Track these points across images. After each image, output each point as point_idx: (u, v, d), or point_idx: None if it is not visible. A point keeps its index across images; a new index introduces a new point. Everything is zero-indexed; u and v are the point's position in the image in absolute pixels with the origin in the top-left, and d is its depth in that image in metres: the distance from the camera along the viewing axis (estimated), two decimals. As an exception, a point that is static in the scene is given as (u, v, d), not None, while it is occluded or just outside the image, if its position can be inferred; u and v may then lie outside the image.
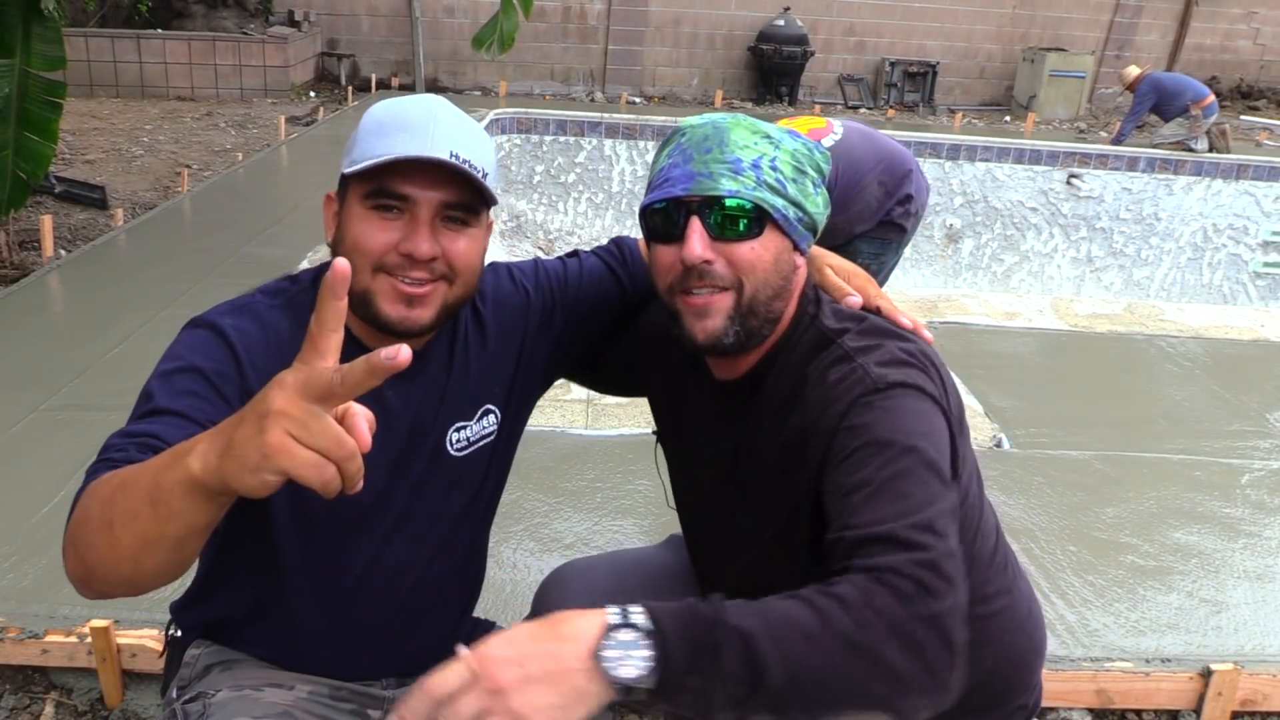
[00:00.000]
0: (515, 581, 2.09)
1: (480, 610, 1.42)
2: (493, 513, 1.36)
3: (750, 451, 1.16)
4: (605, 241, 1.47)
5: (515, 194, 7.05)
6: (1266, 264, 7.34)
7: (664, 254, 1.12)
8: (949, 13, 10.99)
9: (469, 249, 1.11)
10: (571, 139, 7.02)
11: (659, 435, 1.40)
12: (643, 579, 1.49)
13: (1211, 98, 7.46)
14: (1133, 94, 7.80)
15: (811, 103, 10.55)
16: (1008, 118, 10.66)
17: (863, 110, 10.56)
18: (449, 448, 1.22)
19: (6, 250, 4.21)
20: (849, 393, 1.02)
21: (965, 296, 6.94)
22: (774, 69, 10.42)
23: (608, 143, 7.04)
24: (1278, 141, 9.50)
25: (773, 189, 1.09)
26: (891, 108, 10.61)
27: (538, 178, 7.06)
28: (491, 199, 1.11)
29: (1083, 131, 9.24)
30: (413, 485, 1.20)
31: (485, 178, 1.08)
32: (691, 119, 1.14)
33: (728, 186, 1.07)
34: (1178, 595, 2.21)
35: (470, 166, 1.06)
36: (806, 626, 0.81)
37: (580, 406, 3.36)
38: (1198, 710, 1.95)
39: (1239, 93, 12.09)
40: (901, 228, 3.17)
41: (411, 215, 1.06)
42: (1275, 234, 7.30)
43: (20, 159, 3.77)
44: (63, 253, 4.39)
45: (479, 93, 9.89)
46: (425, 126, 1.06)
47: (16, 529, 2.10)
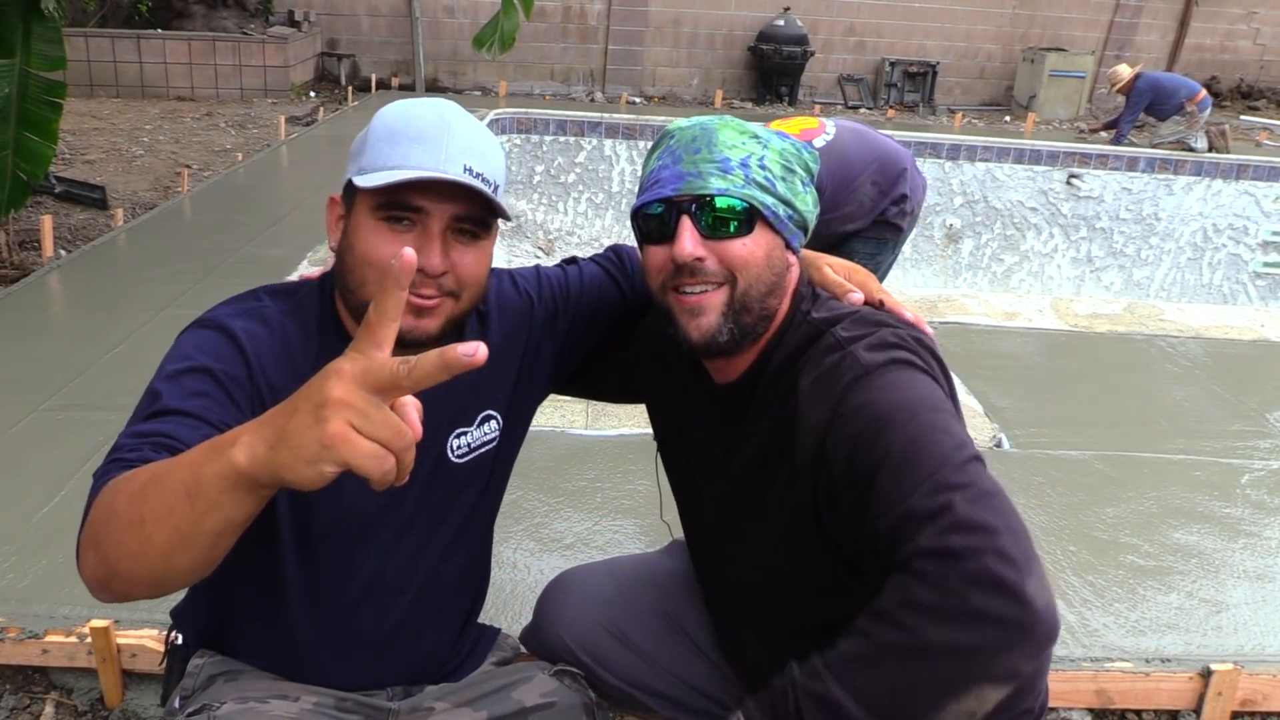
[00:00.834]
0: (515, 581, 2.09)
1: (481, 610, 1.42)
2: (495, 517, 1.36)
3: (750, 453, 1.15)
4: (603, 249, 1.47)
5: (515, 194, 7.05)
6: (1266, 264, 7.34)
7: (656, 254, 1.12)
8: (949, 13, 10.99)
9: (477, 262, 1.10)
10: (571, 139, 7.02)
11: (659, 444, 1.40)
12: (644, 586, 1.49)
13: (1204, 93, 7.52)
14: (1123, 95, 7.84)
15: (811, 103, 10.56)
16: (1008, 118, 10.66)
17: (863, 110, 10.56)
18: (450, 454, 1.22)
19: (6, 250, 4.21)
20: (839, 380, 1.02)
21: (965, 296, 6.93)
22: (774, 69, 10.42)
23: (608, 143, 7.04)
24: (1278, 141, 9.50)
25: (762, 187, 1.09)
26: (891, 108, 10.61)
27: (538, 178, 7.06)
28: (503, 213, 1.10)
29: (1083, 131, 9.24)
30: (415, 493, 1.19)
31: (497, 190, 1.08)
32: (680, 121, 1.15)
33: (717, 185, 1.07)
34: (1178, 595, 2.21)
35: (484, 181, 1.05)
36: (861, 653, 0.83)
37: (580, 406, 3.36)
38: (1198, 710, 1.95)
39: (1239, 93, 12.09)
40: (897, 227, 3.17)
41: (423, 228, 1.05)
42: (1275, 234, 7.30)
43: (20, 159, 3.77)
44: (63, 253, 4.39)
45: (479, 93, 9.88)
46: (439, 137, 1.04)
47: (16, 529, 2.10)
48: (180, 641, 1.23)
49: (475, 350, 0.66)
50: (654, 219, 1.12)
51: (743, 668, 1.35)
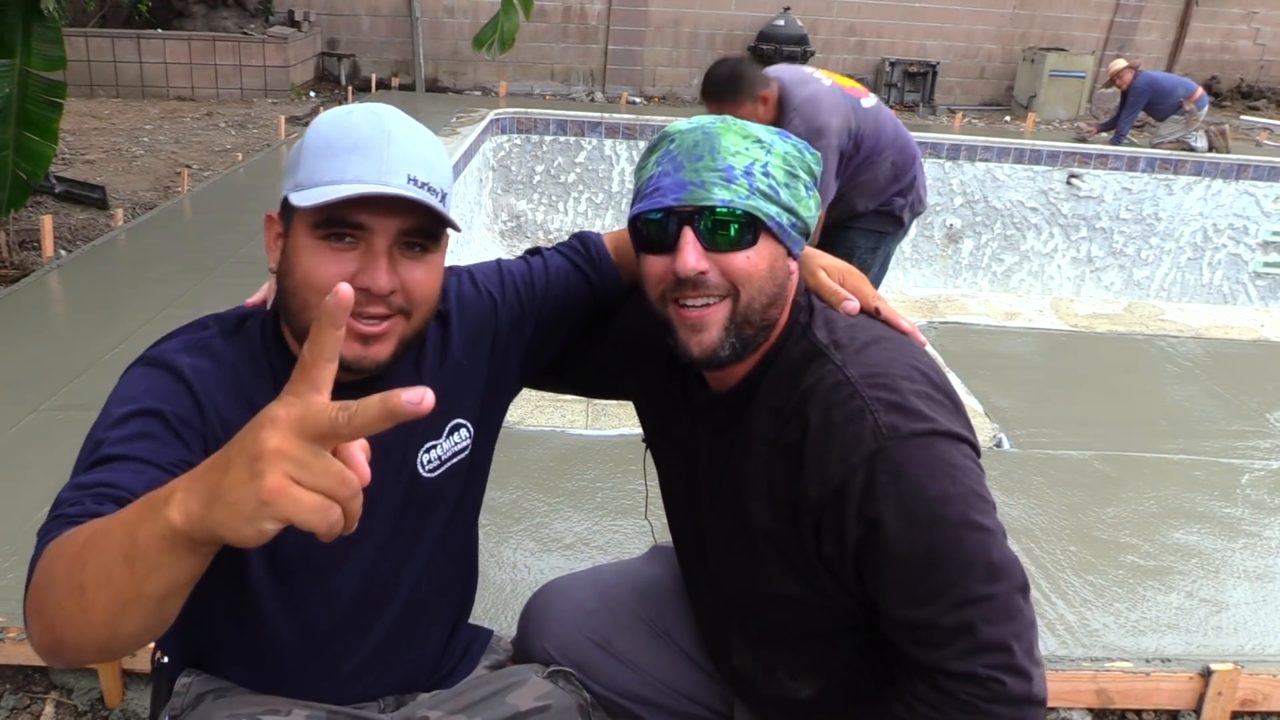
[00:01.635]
0: (515, 581, 2.09)
1: (479, 610, 1.42)
2: (477, 515, 1.33)
3: (742, 463, 1.14)
4: (567, 238, 1.40)
5: (515, 194, 7.05)
6: (1266, 264, 7.33)
7: (655, 264, 1.09)
8: (949, 13, 10.98)
9: (428, 277, 1.03)
10: (571, 139, 7.02)
11: (647, 443, 1.39)
12: (627, 594, 1.48)
13: (1201, 91, 7.55)
14: (1121, 90, 7.86)
15: (811, 103, 10.54)
16: (1008, 118, 10.66)
17: (863, 110, 10.55)
18: (421, 470, 1.17)
19: (6, 250, 4.21)
20: (859, 444, 1.00)
21: (965, 296, 6.93)
22: (774, 69, 10.41)
23: (608, 143, 7.04)
24: (1278, 141, 9.50)
25: (766, 196, 1.06)
26: (892, 108, 10.59)
27: (538, 178, 7.06)
28: (451, 223, 1.02)
29: (1082, 135, 9.23)
30: (389, 514, 1.15)
31: (444, 199, 1.01)
32: (679, 123, 1.11)
33: (720, 196, 1.04)
34: (1178, 595, 2.21)
35: (430, 191, 0.98)
36: None
37: (580, 406, 3.36)
38: (1198, 710, 1.95)
39: (1239, 93, 12.08)
40: (899, 220, 3.21)
41: (367, 245, 0.98)
42: (1275, 234, 7.30)
43: (20, 159, 3.77)
44: (63, 253, 4.39)
45: (479, 93, 9.88)
46: (378, 148, 0.97)
47: (17, 529, 2.10)
48: (165, 661, 1.20)
49: (420, 399, 0.60)
50: (654, 228, 1.08)
51: (730, 672, 1.35)
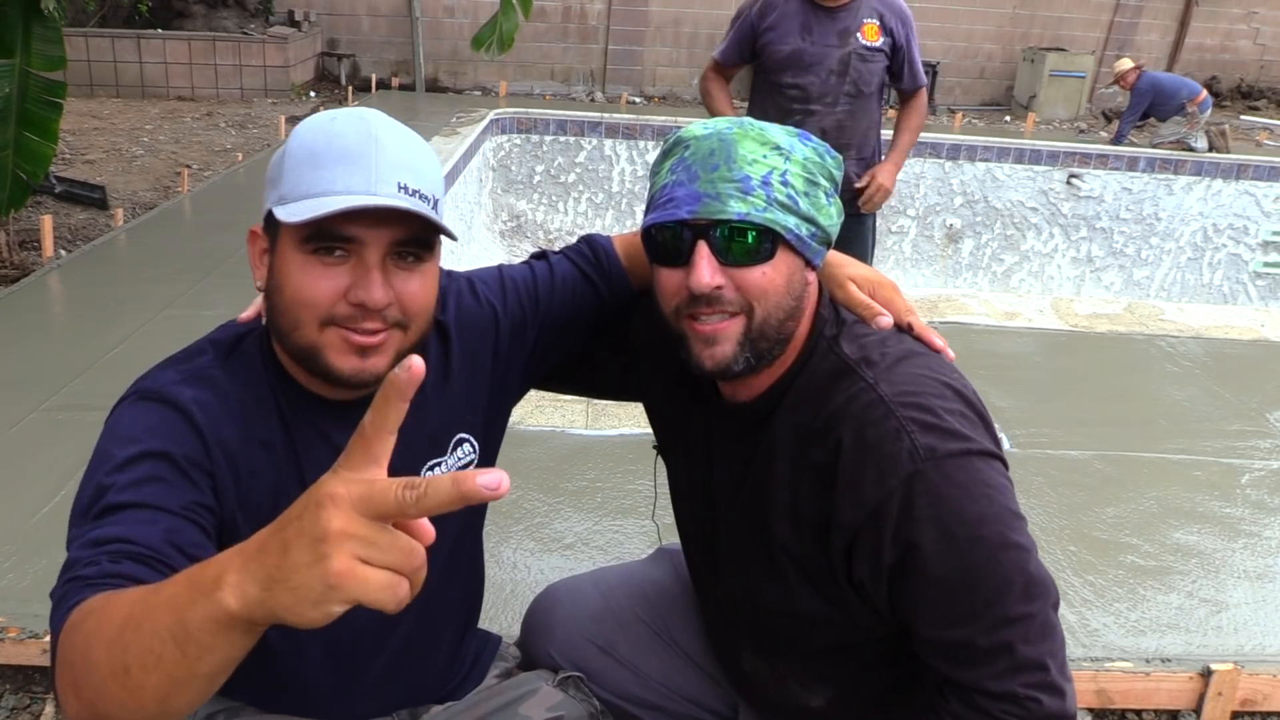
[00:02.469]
0: (515, 581, 2.09)
1: (479, 614, 1.42)
2: (484, 521, 1.32)
3: (764, 479, 1.12)
4: (573, 241, 1.37)
5: (515, 194, 7.05)
6: (1266, 264, 7.33)
7: (669, 277, 1.06)
8: (949, 13, 10.98)
9: (423, 288, 1.00)
10: (571, 139, 7.02)
11: (658, 447, 1.38)
12: (630, 597, 1.47)
13: (1205, 94, 7.51)
14: (1127, 89, 7.83)
15: (811, 103, 10.54)
16: (1008, 118, 10.66)
17: (863, 110, 10.54)
18: None
19: (6, 250, 4.21)
20: (897, 465, 0.99)
21: (965, 296, 6.94)
22: (774, 69, 10.40)
23: (608, 143, 7.04)
24: (1278, 141, 9.50)
25: (784, 207, 1.02)
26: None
27: (538, 178, 7.06)
28: (445, 231, 0.99)
29: (1083, 131, 9.24)
30: None
31: (436, 206, 0.97)
32: (694, 128, 1.07)
33: (737, 209, 1.00)
34: (1178, 595, 2.21)
35: (421, 198, 0.94)
36: None
37: (580, 406, 3.36)
38: (1198, 710, 1.95)
39: (1239, 93, 12.08)
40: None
41: (359, 258, 0.94)
42: (1275, 234, 7.30)
43: (20, 159, 3.77)
44: (63, 253, 4.39)
45: (479, 93, 9.88)
46: (366, 155, 0.93)
47: (17, 529, 2.10)
48: None
49: (498, 484, 0.58)
50: (667, 239, 1.05)
51: (739, 676, 1.34)
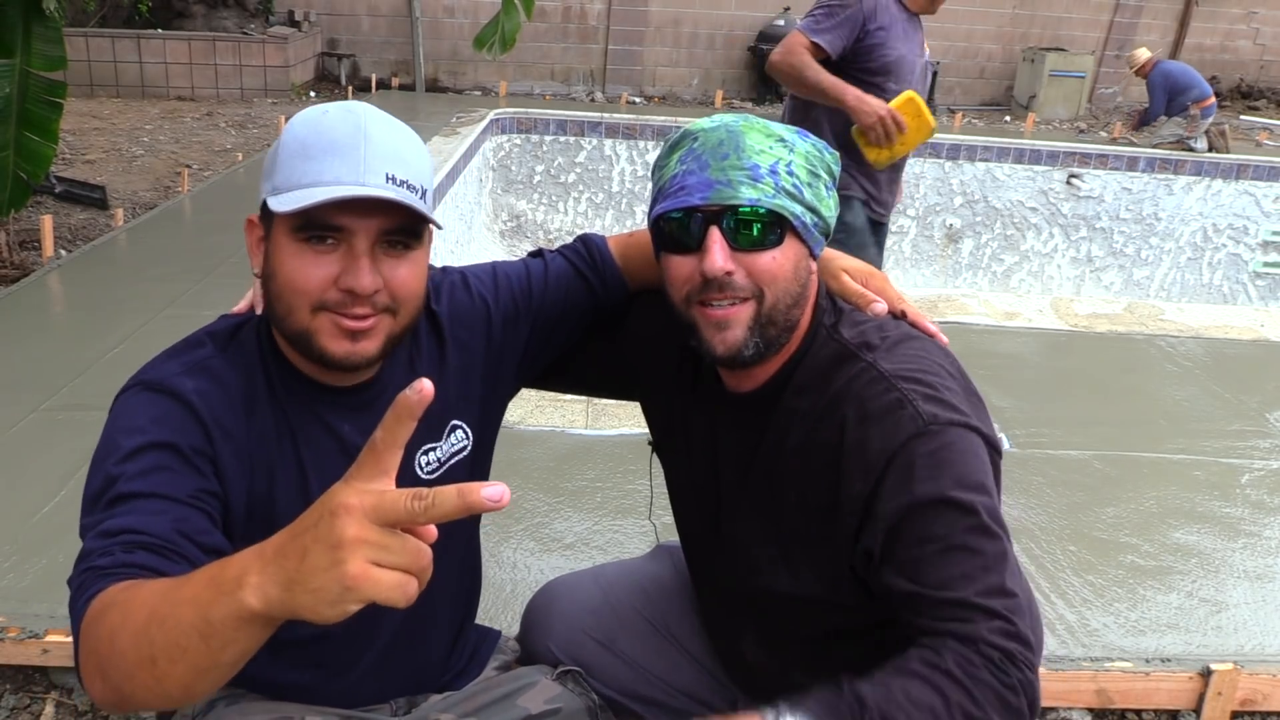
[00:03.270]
0: (515, 581, 2.09)
1: (480, 609, 1.42)
2: (479, 520, 1.33)
3: (771, 468, 1.14)
4: (571, 240, 1.39)
5: (515, 194, 7.06)
6: (1266, 264, 7.34)
7: (680, 265, 1.08)
8: (949, 13, 10.93)
9: (412, 275, 1.03)
10: (571, 139, 7.02)
11: (655, 444, 1.39)
12: (630, 593, 1.48)
13: (1212, 99, 7.47)
14: (1143, 79, 7.84)
15: (811, 103, 10.54)
16: (1008, 118, 10.66)
17: (863, 110, 10.53)
18: (419, 472, 1.17)
19: (6, 250, 4.21)
20: (898, 431, 1.01)
21: (965, 296, 6.94)
22: (774, 69, 10.41)
23: (608, 143, 7.04)
24: (1278, 141, 9.50)
25: (791, 195, 1.05)
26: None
27: (538, 178, 7.06)
28: (432, 220, 1.02)
29: (1082, 131, 9.24)
30: None
31: (425, 196, 1.01)
32: (701, 122, 1.10)
33: (748, 195, 1.03)
34: (1178, 595, 2.21)
35: (409, 189, 0.98)
36: (932, 705, 0.93)
37: (580, 406, 3.36)
38: (1198, 710, 1.95)
39: (1239, 93, 12.09)
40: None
41: (348, 246, 0.98)
42: (1275, 234, 7.30)
43: (21, 159, 3.77)
44: (63, 253, 4.39)
45: (479, 93, 9.88)
46: (355, 147, 0.97)
47: (17, 529, 2.10)
48: None
49: (501, 495, 0.65)
50: (678, 227, 1.07)
51: (740, 669, 1.35)
